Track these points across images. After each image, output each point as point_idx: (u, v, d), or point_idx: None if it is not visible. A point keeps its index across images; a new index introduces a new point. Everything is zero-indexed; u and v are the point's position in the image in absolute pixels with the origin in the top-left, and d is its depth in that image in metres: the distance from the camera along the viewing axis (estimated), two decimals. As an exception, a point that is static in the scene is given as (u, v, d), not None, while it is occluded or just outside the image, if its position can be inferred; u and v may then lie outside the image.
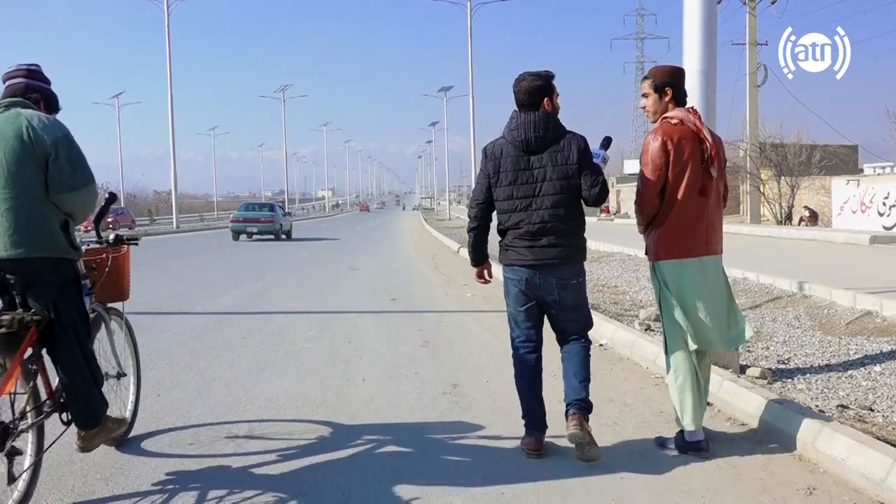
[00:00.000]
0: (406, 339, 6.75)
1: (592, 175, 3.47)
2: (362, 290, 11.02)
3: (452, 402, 4.64)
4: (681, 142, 3.48)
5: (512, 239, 3.55)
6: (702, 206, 3.53)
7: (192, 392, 4.87)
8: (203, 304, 9.17)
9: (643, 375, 5.33)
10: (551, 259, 3.47)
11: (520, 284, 3.55)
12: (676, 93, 3.61)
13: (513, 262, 3.56)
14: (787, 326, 7.11)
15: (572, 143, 3.49)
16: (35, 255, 2.93)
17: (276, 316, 8.19)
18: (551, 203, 3.46)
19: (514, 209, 3.51)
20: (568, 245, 3.51)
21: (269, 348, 6.35)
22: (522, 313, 3.62)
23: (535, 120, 3.47)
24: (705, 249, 3.56)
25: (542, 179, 3.47)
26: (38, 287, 2.98)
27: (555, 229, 3.47)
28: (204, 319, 7.90)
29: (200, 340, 6.70)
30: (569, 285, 3.54)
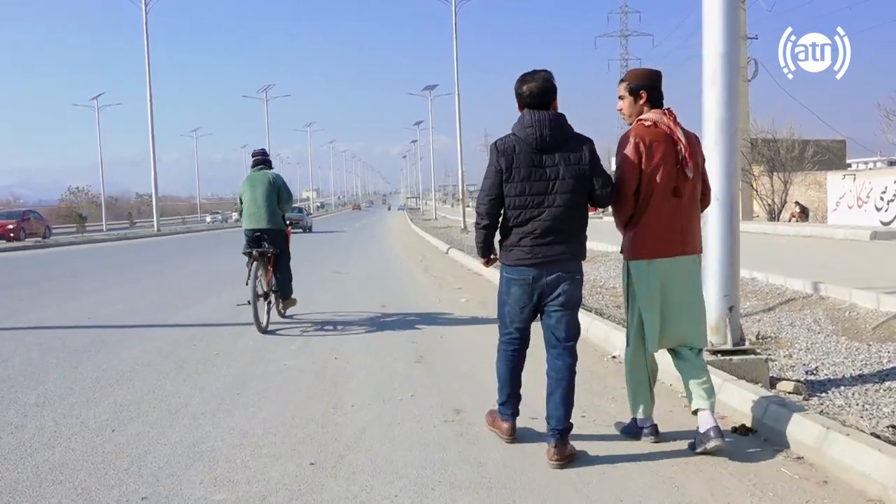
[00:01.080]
0: (399, 354, 6.11)
1: (603, 176, 3.56)
2: (350, 295, 10.35)
3: (456, 432, 4.00)
4: (653, 143, 3.54)
5: (518, 238, 3.55)
6: (676, 207, 3.58)
7: (153, 425, 4.19)
8: (177, 315, 8.47)
9: (667, 394, 4.71)
10: (559, 255, 3.52)
11: (524, 284, 3.56)
12: (651, 95, 3.65)
13: (519, 262, 3.56)
14: (807, 331, 6.58)
15: (583, 145, 3.54)
16: (274, 227, 7.38)
17: (254, 328, 7.49)
18: (563, 201, 3.49)
19: (526, 206, 3.51)
20: (573, 242, 3.56)
21: (246, 367, 5.68)
22: (519, 314, 3.65)
23: (548, 119, 3.50)
24: (681, 249, 3.61)
25: (555, 178, 3.49)
26: (276, 240, 7.39)
27: (562, 227, 3.51)
28: (175, 333, 7.20)
29: (169, 358, 6.01)
30: (574, 280, 3.58)
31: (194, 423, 4.20)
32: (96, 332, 7.33)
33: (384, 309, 8.75)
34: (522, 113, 3.57)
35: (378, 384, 5.07)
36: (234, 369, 5.59)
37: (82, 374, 5.44)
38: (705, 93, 5.21)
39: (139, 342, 6.73)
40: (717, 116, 5.10)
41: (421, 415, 4.33)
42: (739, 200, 5.38)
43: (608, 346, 6.02)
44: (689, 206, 3.65)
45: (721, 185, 5.10)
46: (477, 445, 3.78)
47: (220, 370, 5.57)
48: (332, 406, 4.55)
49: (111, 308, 9.10)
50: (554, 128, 3.50)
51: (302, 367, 5.67)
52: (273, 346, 6.54)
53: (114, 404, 4.59)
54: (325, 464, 3.55)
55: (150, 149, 42.23)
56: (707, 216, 5.19)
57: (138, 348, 6.44)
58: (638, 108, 3.68)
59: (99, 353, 6.23)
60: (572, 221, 3.54)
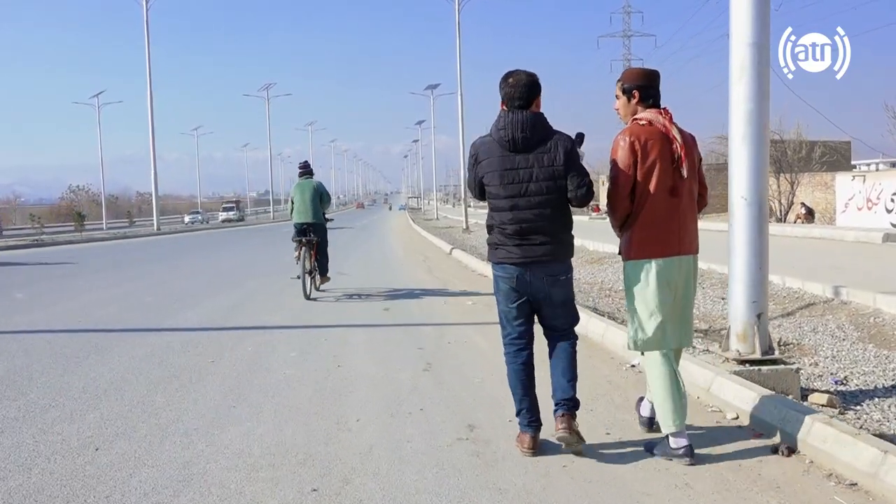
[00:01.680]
0: (405, 362, 5.77)
1: (579, 176, 3.50)
2: (351, 297, 10.01)
3: (472, 451, 3.66)
4: (648, 142, 3.51)
5: (500, 237, 3.57)
6: (672, 207, 3.55)
7: (140, 443, 3.85)
8: (172, 318, 8.13)
9: (694, 407, 4.38)
10: (540, 256, 3.50)
11: (510, 282, 3.57)
12: (643, 95, 3.62)
13: (502, 260, 3.57)
14: (831, 338, 6.26)
15: (559, 144, 3.49)
16: (317, 222, 9.68)
17: (253, 333, 7.17)
18: (537, 203, 3.47)
19: (501, 208, 3.52)
20: (555, 242, 3.54)
21: (243, 376, 5.34)
22: (514, 310, 3.63)
23: (522, 119, 3.47)
24: (678, 249, 3.58)
25: (528, 180, 3.47)
26: (318, 232, 9.68)
27: (541, 228, 3.49)
28: (169, 339, 6.86)
29: (162, 366, 5.67)
30: (558, 281, 3.57)
31: (185, 441, 3.86)
32: (87, 336, 7.00)
33: (388, 312, 8.42)
34: (499, 113, 3.55)
35: (384, 396, 4.73)
36: (230, 379, 5.25)
37: (68, 384, 5.11)
38: (732, 85, 4.94)
39: (131, 348, 6.39)
40: (745, 109, 4.82)
41: (432, 431, 3.99)
42: (767, 200, 5.07)
43: (626, 354, 5.68)
44: (687, 205, 3.61)
45: (748, 183, 4.81)
46: (496, 468, 3.44)
47: (215, 380, 5.23)
48: (335, 421, 4.21)
49: (104, 310, 8.77)
50: (528, 129, 3.47)
51: (302, 376, 5.34)
52: (271, 352, 6.20)
53: (99, 418, 4.26)
54: (329, 489, 3.21)
55: (151, 147, 41.96)
56: (734, 216, 4.89)
57: (130, 354, 6.10)
58: (632, 107, 3.66)
59: (88, 360, 5.89)
60: (551, 222, 3.51)
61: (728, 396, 4.35)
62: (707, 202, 3.87)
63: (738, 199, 4.87)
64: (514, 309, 3.63)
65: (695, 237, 3.69)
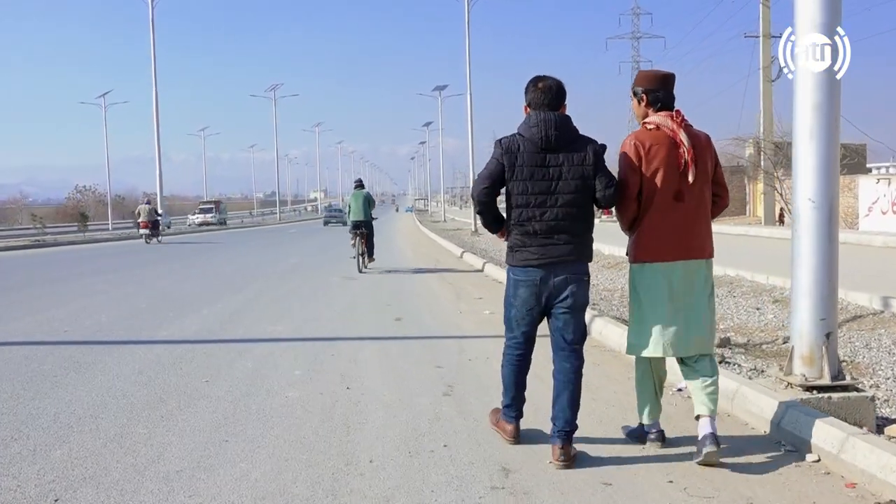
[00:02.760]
0: (423, 383, 5.12)
1: (607, 177, 3.53)
2: (360, 305, 9.37)
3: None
4: (652, 147, 3.51)
5: (522, 238, 3.56)
6: (677, 211, 3.52)
7: (109, 491, 3.19)
8: (166, 328, 7.49)
9: (763, 445, 3.70)
10: (565, 255, 3.51)
11: (532, 286, 3.55)
12: (650, 99, 3.61)
13: (525, 263, 3.55)
14: (888, 355, 5.66)
15: (588, 146, 3.53)
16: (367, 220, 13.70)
17: (253, 346, 6.54)
18: (565, 201, 3.49)
19: (529, 205, 3.51)
20: (578, 242, 3.54)
21: (240, 400, 4.69)
22: (527, 316, 3.62)
23: (554, 119, 3.51)
24: (684, 253, 3.55)
25: (558, 178, 3.49)
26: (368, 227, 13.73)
27: (567, 227, 3.50)
28: (160, 353, 6.22)
29: (148, 387, 5.03)
30: (582, 281, 3.57)
31: (164, 489, 3.20)
32: (70, 349, 6.36)
33: (400, 323, 7.78)
34: (529, 113, 3.60)
35: (401, 428, 4.07)
36: (224, 404, 4.61)
37: (39, 410, 4.47)
38: (798, 74, 4.45)
39: (116, 364, 5.75)
40: (813, 102, 4.35)
41: (460, 477, 3.33)
42: (838, 203, 4.43)
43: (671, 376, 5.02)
44: (694, 210, 3.57)
45: (816, 183, 4.24)
46: (542, 533, 2.79)
47: (207, 405, 4.58)
48: (345, 461, 3.55)
49: (93, 318, 8.14)
50: (559, 128, 3.50)
51: (307, 399, 4.69)
52: (273, 370, 5.56)
53: (67, 456, 3.61)
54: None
55: (156, 147, 41.47)
56: (799, 221, 4.28)
57: (114, 373, 5.46)
58: (642, 110, 3.66)
59: (66, 380, 5.25)
60: (576, 222, 3.53)
61: (801, 431, 3.69)
62: (728, 203, 3.82)
63: (804, 203, 4.26)
64: (527, 315, 3.62)
65: (706, 241, 3.64)
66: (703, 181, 3.56)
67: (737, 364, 5.33)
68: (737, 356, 5.69)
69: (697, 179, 3.52)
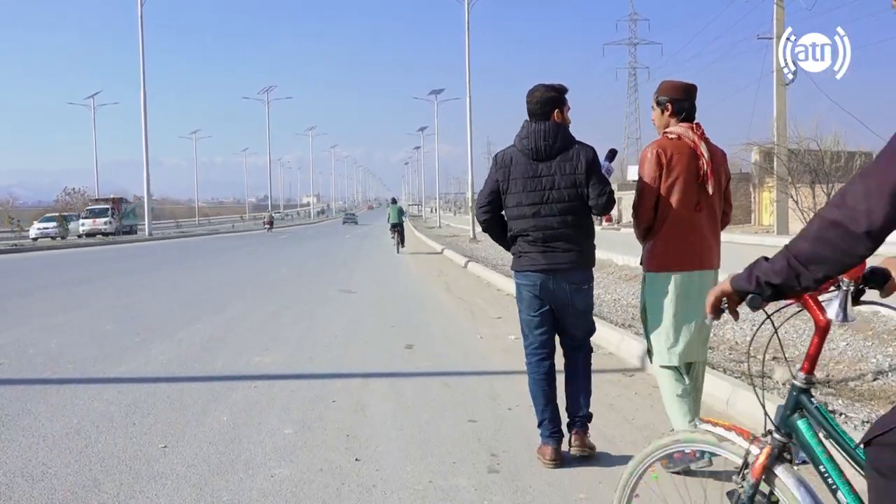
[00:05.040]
0: (456, 449, 3.79)
1: (600, 185, 3.56)
2: (362, 327, 8.01)
3: None
4: (674, 156, 3.53)
5: (523, 245, 3.62)
6: (695, 222, 3.55)
7: None
8: (127, 360, 6.11)
9: None
10: (562, 263, 3.56)
11: (534, 289, 3.60)
12: (676, 108, 3.60)
13: (525, 268, 3.62)
14: None
15: (581, 153, 3.57)
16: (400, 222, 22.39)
17: (233, 386, 5.19)
18: (559, 210, 3.55)
19: (523, 216, 3.59)
20: (577, 250, 3.59)
21: (206, 482, 3.33)
22: (537, 319, 3.64)
23: (545, 129, 3.57)
24: (698, 264, 3.58)
25: (550, 187, 3.55)
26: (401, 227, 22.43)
27: (563, 235, 3.54)
28: (112, 397, 4.86)
29: (81, 458, 3.66)
30: (581, 290, 3.63)
31: None
32: (13, 387, 5.01)
33: (412, 352, 6.45)
34: (522, 124, 3.66)
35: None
36: (184, 489, 3.26)
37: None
38: None
39: (49, 418, 4.38)
40: None
41: None
42: None
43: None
44: (709, 221, 3.60)
45: None
46: None
47: (159, 492, 3.24)
48: None
49: (42, 346, 6.75)
50: (550, 137, 3.55)
51: (301, 481, 3.36)
52: (256, 427, 4.21)
53: None
54: None
55: (143, 149, 40.11)
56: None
57: (40, 433, 4.09)
58: (664, 119, 3.64)
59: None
60: (571, 229, 3.56)
61: None
62: (730, 220, 3.84)
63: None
64: (538, 317, 3.64)
65: (716, 253, 3.68)
66: (717, 195, 3.59)
67: (841, 413, 4.21)
68: (828, 398, 4.55)
69: (714, 192, 3.54)
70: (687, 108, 3.62)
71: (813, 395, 1.76)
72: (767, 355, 5.96)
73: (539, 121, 3.58)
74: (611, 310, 8.70)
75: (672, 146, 3.54)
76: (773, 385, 4.98)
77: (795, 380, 1.78)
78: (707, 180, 3.52)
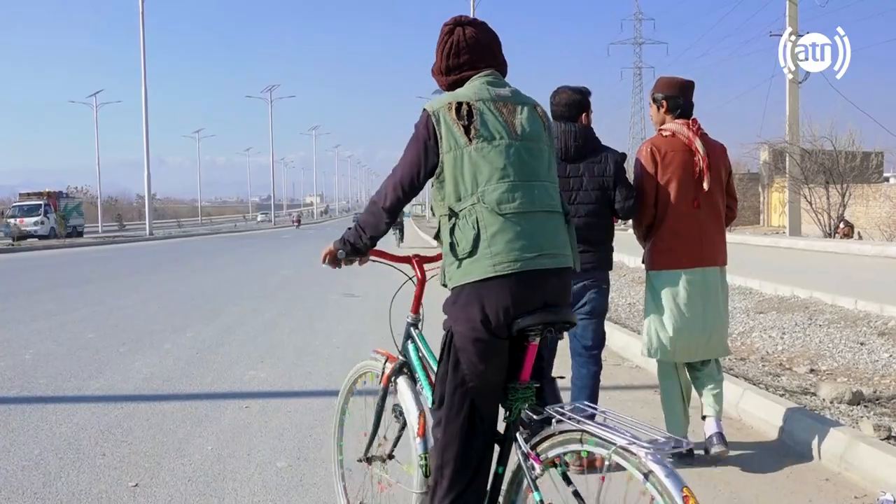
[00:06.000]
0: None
1: (626, 189, 3.59)
2: (368, 338, 7.41)
3: None
4: (668, 154, 3.53)
5: None
6: (694, 219, 3.54)
7: None
8: (107, 374, 5.53)
9: None
10: (585, 263, 3.38)
11: None
12: (670, 105, 3.63)
13: None
14: None
15: (609, 157, 3.60)
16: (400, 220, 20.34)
17: (222, 406, 4.62)
18: (585, 211, 3.54)
19: None
20: (599, 251, 3.59)
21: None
22: None
23: (574, 130, 3.58)
24: (701, 261, 3.57)
25: (577, 188, 3.56)
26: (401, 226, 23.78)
27: (587, 237, 3.47)
28: (83, 420, 4.29)
29: (42, 494, 3.09)
30: (601, 289, 3.62)
31: None
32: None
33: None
34: None
35: None
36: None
37: None
38: None
39: (5, 448, 3.78)
40: None
41: None
42: None
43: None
44: (710, 217, 3.58)
45: None
46: None
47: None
48: None
49: (15, 357, 6.14)
50: (579, 139, 3.56)
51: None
52: (244, 460, 3.63)
53: None
54: None
55: (144, 147, 39.62)
56: None
57: None
58: (660, 116, 3.65)
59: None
60: (596, 231, 3.56)
61: None
62: (736, 215, 3.82)
63: None
64: None
65: (720, 249, 3.66)
66: (717, 190, 3.57)
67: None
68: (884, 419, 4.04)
69: (712, 188, 3.52)
70: (682, 104, 3.61)
71: (419, 328, 2.55)
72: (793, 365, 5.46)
73: (566, 122, 3.59)
74: (628, 315, 8.16)
75: (665, 143, 3.56)
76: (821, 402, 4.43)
77: (409, 318, 2.57)
78: (703, 176, 3.51)
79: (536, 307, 2.03)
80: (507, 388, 2.09)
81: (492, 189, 2.05)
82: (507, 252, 2.01)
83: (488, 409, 2.09)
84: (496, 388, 2.09)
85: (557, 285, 2.11)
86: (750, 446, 3.86)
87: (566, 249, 2.18)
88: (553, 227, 2.14)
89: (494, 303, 2.01)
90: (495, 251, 2.02)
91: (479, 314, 2.01)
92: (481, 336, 2.02)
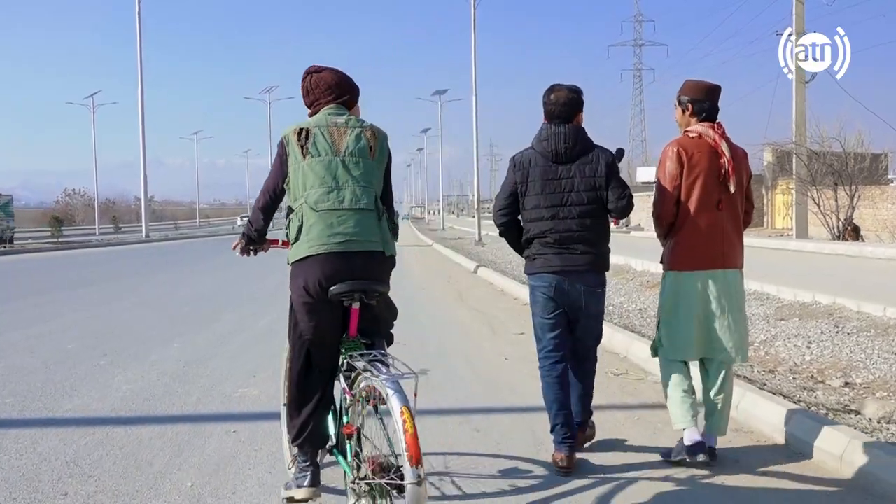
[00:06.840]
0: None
1: (620, 188, 3.57)
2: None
3: None
4: (694, 155, 3.55)
5: (539, 247, 3.61)
6: (716, 220, 3.55)
7: None
8: (82, 392, 5.02)
9: None
10: (578, 266, 3.55)
11: (548, 291, 3.59)
12: (696, 108, 3.65)
13: (540, 270, 3.62)
14: None
15: (601, 157, 3.59)
16: None
17: (208, 430, 4.12)
18: (577, 213, 3.54)
19: (541, 217, 3.59)
20: (593, 253, 3.58)
21: None
22: (550, 322, 3.63)
23: (565, 131, 3.57)
24: (721, 262, 3.57)
25: (569, 189, 3.55)
26: None
27: (580, 238, 3.53)
28: (48, 450, 3.78)
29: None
30: (595, 293, 3.62)
31: None
32: None
33: (429, 381, 5.35)
34: (541, 126, 3.66)
35: None
36: None
37: None
38: None
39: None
40: None
41: None
42: None
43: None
44: (731, 220, 3.60)
45: None
46: None
47: None
48: None
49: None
50: (570, 140, 3.55)
51: None
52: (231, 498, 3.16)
53: None
54: None
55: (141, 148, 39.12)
56: None
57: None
58: (686, 119, 3.68)
59: None
60: (589, 232, 3.55)
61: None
62: (752, 220, 3.84)
63: None
64: (552, 320, 3.62)
65: (739, 252, 3.67)
66: (739, 194, 3.58)
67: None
68: None
69: (735, 191, 3.54)
70: (707, 108, 3.64)
71: None
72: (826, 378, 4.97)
73: (559, 123, 3.58)
74: (641, 322, 7.67)
75: (693, 145, 3.56)
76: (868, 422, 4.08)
77: None
78: (729, 178, 3.53)
79: (346, 279, 2.66)
80: (342, 341, 2.81)
81: (314, 192, 2.73)
82: (318, 238, 2.69)
83: (323, 356, 2.82)
84: (332, 341, 2.81)
85: (365, 263, 2.71)
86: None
87: (374, 237, 2.78)
88: (360, 221, 2.74)
89: (312, 275, 2.69)
90: (311, 238, 2.70)
91: (302, 283, 2.71)
92: (306, 300, 2.72)
